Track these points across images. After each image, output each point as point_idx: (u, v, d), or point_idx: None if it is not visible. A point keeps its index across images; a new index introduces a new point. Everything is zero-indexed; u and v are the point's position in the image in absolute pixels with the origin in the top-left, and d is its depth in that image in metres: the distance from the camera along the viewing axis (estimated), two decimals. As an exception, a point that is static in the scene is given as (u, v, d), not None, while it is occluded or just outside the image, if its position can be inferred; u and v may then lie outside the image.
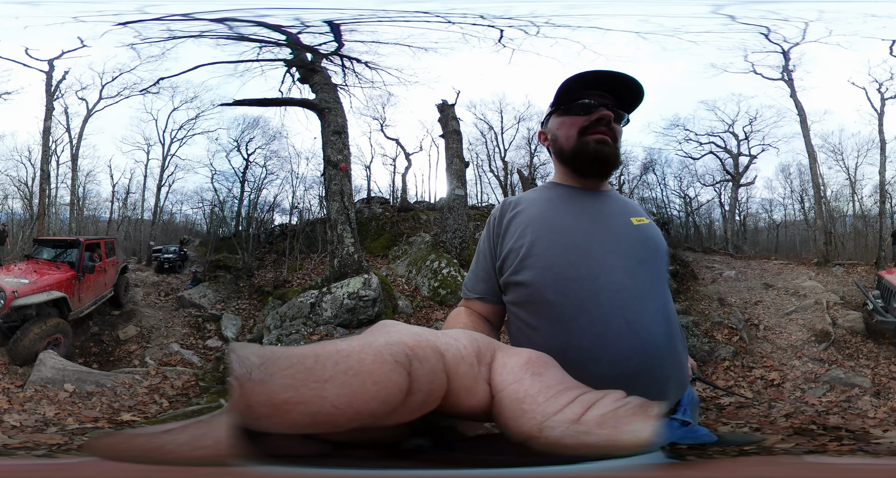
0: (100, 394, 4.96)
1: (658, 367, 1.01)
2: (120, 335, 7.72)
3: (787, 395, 4.59)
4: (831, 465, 0.39)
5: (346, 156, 8.73)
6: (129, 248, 15.72)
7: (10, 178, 15.08)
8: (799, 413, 3.98)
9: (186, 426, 0.25)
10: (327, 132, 8.72)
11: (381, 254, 11.14)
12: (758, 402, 4.34)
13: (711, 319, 6.91)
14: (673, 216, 18.50)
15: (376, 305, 7.05)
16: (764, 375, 5.13)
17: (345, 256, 8.00)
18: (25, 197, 15.11)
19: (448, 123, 11.10)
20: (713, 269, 11.71)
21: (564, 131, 1.19)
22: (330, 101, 9.00)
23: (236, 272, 11.12)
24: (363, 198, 16.25)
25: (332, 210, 8.38)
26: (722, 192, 17.85)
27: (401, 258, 10.29)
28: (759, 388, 4.82)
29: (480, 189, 20.52)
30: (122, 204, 17.30)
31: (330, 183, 8.48)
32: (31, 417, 4.21)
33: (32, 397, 4.62)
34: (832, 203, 14.96)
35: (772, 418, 3.87)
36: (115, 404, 4.80)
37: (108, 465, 0.26)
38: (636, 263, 1.08)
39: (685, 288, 9.55)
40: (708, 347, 5.83)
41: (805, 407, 4.21)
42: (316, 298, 7.07)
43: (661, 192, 18.99)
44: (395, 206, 14.96)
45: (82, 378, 5.20)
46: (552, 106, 1.23)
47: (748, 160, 16.93)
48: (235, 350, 0.24)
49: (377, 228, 12.51)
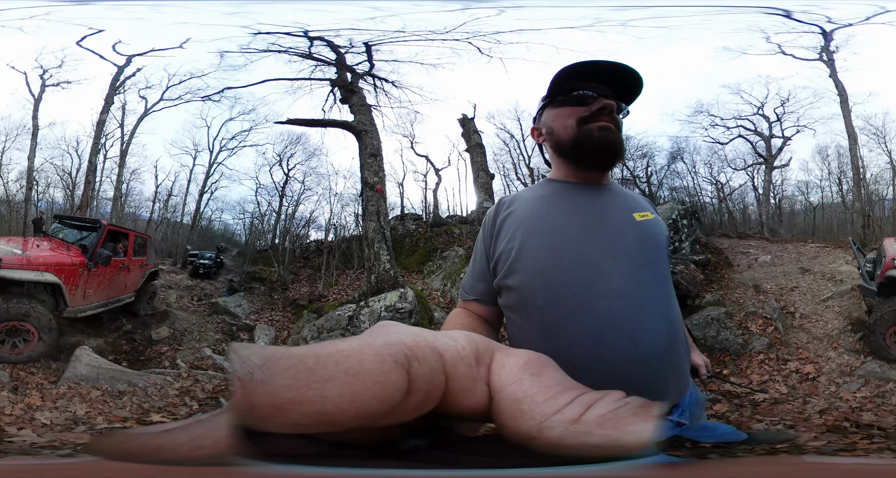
0: (131, 393, 4.80)
1: (656, 376, 0.95)
2: (152, 335, 7.31)
3: (822, 390, 4.41)
4: (831, 465, 0.38)
5: (382, 178, 8.95)
6: (166, 249, 15.25)
7: (55, 166, 14.30)
8: (833, 409, 3.83)
9: (187, 426, 0.25)
10: (364, 154, 8.96)
11: (417, 269, 11.14)
12: (793, 398, 4.21)
13: (746, 309, 6.61)
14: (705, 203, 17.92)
15: (412, 316, 7.15)
16: (799, 368, 4.93)
17: (381, 273, 8.20)
18: (68, 187, 14.38)
19: (470, 137, 11.15)
20: (748, 254, 11.23)
21: (561, 122, 1.09)
22: (366, 123, 9.23)
23: (271, 285, 10.98)
24: (397, 215, 16.26)
25: (368, 229, 8.60)
26: (755, 175, 17.14)
27: (435, 273, 10.34)
28: (793, 382, 4.64)
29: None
30: (164, 205, 16.71)
31: (367, 204, 8.71)
32: (61, 414, 4.10)
33: (65, 394, 4.50)
34: (871, 186, 14.12)
35: (806, 414, 3.75)
36: (146, 404, 4.65)
37: (108, 465, 0.26)
38: (637, 267, 1.00)
39: (718, 277, 9.21)
40: (742, 340, 5.61)
41: (839, 403, 4.05)
42: (353, 312, 7.21)
43: (691, 180, 18.41)
44: (427, 221, 14.82)
45: (116, 377, 5.03)
46: (544, 99, 1.14)
47: (782, 142, 16.10)
48: (237, 351, 0.24)
49: (411, 244, 12.49)
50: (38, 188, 13.92)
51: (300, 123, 10.07)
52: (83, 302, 6.27)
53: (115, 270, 6.99)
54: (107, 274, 6.80)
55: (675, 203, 10.75)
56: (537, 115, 1.19)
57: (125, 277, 7.42)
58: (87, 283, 6.29)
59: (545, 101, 1.14)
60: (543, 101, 1.15)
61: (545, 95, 1.14)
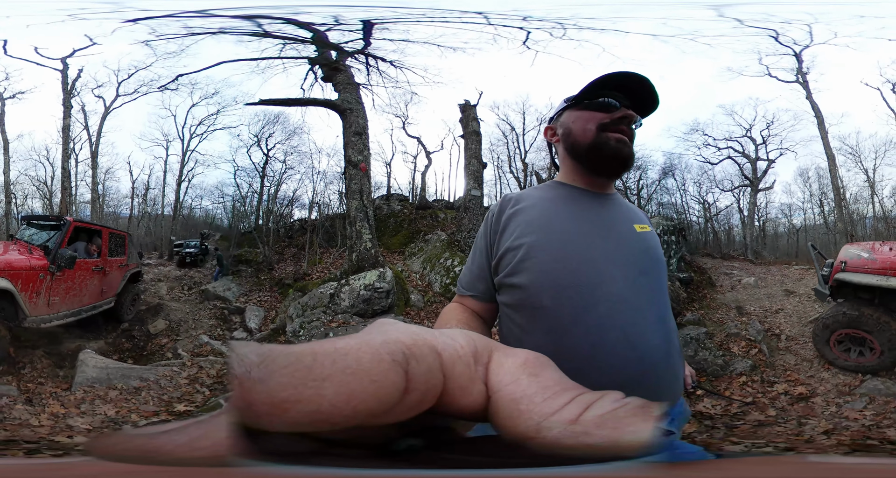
0: (146, 388, 4.78)
1: (654, 380, 0.95)
2: (150, 329, 7.32)
3: (820, 411, 4.09)
4: (831, 465, 0.37)
5: (367, 156, 8.66)
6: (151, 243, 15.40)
7: (30, 177, 14.69)
8: (842, 429, 3.53)
9: (185, 426, 0.24)
10: (348, 133, 8.64)
11: (399, 250, 11.04)
12: (783, 419, 3.91)
13: (727, 331, 6.37)
14: (692, 222, 18.00)
15: (389, 296, 7.14)
16: (788, 390, 4.61)
17: (362, 251, 8.09)
18: (45, 196, 14.79)
19: (469, 123, 10.84)
20: (732, 275, 11.18)
21: (581, 125, 1.10)
22: (352, 101, 8.88)
23: (257, 266, 11.02)
24: (383, 194, 16.05)
25: (351, 208, 8.41)
26: (741, 197, 17.28)
27: (416, 255, 10.18)
28: (783, 404, 4.32)
29: (499, 190, 20.26)
30: (142, 200, 17.06)
31: (350, 182, 8.48)
32: (94, 418, 3.98)
33: (84, 399, 4.39)
34: (852, 206, 14.34)
35: (807, 435, 3.44)
36: (164, 396, 4.64)
37: (107, 465, 0.25)
38: (637, 273, 1.01)
39: (701, 296, 9.05)
40: (722, 361, 5.33)
41: (847, 422, 3.74)
42: (335, 289, 7.19)
43: (680, 197, 18.52)
44: (413, 203, 14.69)
45: (126, 374, 4.97)
46: (568, 101, 1.15)
47: (766, 165, 16.35)
48: (235, 349, 0.23)
49: (395, 224, 12.39)
50: (17, 201, 14.25)
51: (275, 103, 9.63)
52: (48, 311, 5.38)
53: (86, 273, 6.05)
54: (76, 278, 5.83)
55: (661, 219, 10.64)
56: (556, 115, 1.19)
57: (101, 281, 6.45)
58: (51, 289, 5.38)
59: (568, 102, 1.14)
60: (566, 103, 1.15)
61: (569, 97, 1.15)
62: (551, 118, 1.21)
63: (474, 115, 11.00)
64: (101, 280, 6.48)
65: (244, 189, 15.37)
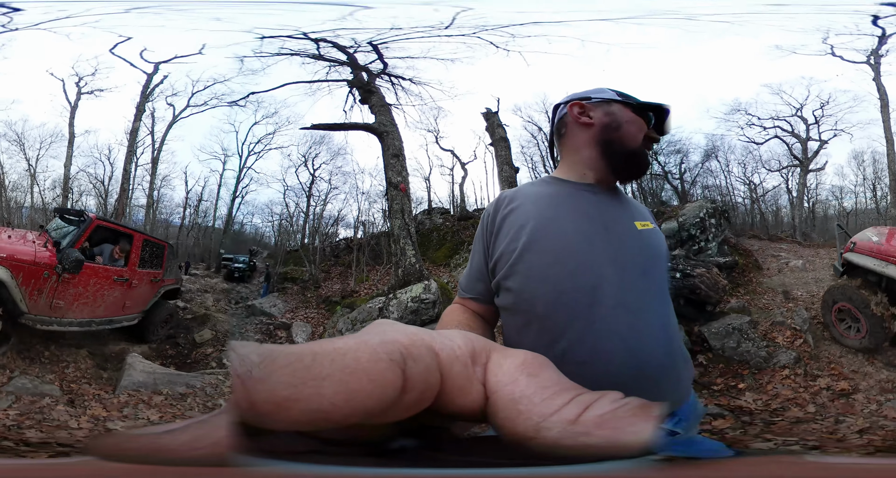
0: (192, 395, 4.77)
1: (652, 386, 0.91)
2: (196, 338, 7.26)
3: (860, 408, 4.00)
4: (831, 465, 0.37)
5: (405, 177, 9.08)
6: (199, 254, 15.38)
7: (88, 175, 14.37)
8: (878, 428, 3.46)
9: (187, 426, 0.25)
10: (387, 155, 9.09)
11: (444, 263, 11.25)
12: (821, 416, 3.87)
13: (773, 318, 6.18)
14: (737, 203, 17.38)
15: (436, 306, 7.43)
16: (831, 384, 4.53)
17: (407, 267, 8.48)
18: (101, 194, 14.39)
19: (494, 130, 11.02)
20: (779, 258, 10.78)
21: (634, 128, 1.05)
22: (387, 124, 9.32)
23: (303, 284, 11.13)
24: (424, 209, 16.20)
25: (394, 227, 8.84)
26: (789, 177, 16.52)
27: (462, 266, 10.33)
28: (823, 400, 4.25)
29: (537, 191, 20.12)
30: (195, 210, 16.84)
31: (392, 203, 8.92)
32: (136, 422, 3.97)
33: (128, 402, 4.36)
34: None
35: (839, 434, 3.40)
36: (209, 404, 4.65)
37: (108, 465, 0.26)
38: (638, 275, 0.97)
39: (746, 280, 8.85)
40: (765, 353, 5.20)
41: (884, 421, 3.65)
42: (383, 304, 7.52)
43: (724, 179, 17.88)
44: (454, 215, 14.87)
45: (172, 381, 4.96)
46: (622, 96, 1.09)
47: (818, 145, 15.47)
48: (235, 349, 0.24)
49: (438, 238, 12.58)
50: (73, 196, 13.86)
51: (323, 127, 10.20)
52: (50, 313, 4.82)
53: (105, 281, 5.31)
54: (91, 285, 5.14)
55: (704, 202, 10.41)
56: (598, 99, 1.09)
57: (124, 294, 5.67)
58: (56, 291, 4.78)
59: (624, 98, 1.09)
60: (621, 97, 1.09)
61: (620, 92, 1.10)
62: (590, 98, 1.10)
63: (498, 121, 11.13)
64: (124, 292, 5.68)
65: (292, 208, 15.67)
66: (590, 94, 1.11)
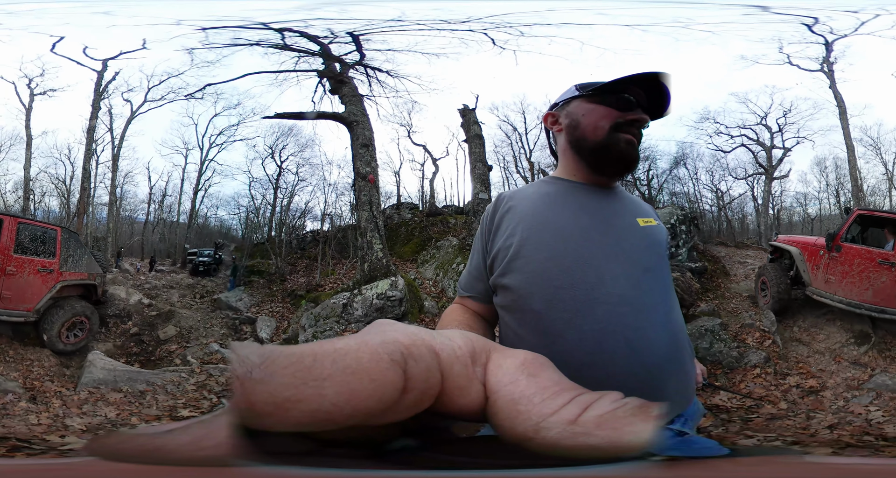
0: (152, 392, 4.76)
1: (659, 387, 0.87)
2: (160, 335, 7.21)
3: (828, 405, 4.10)
4: (831, 465, 0.37)
5: (374, 168, 8.81)
6: (164, 250, 15.35)
7: (49, 175, 14.49)
8: (846, 424, 3.52)
9: (188, 427, 0.24)
10: (356, 145, 8.81)
11: (411, 258, 11.05)
12: (793, 413, 3.89)
13: (742, 321, 6.35)
14: (705, 211, 17.75)
15: (402, 304, 7.18)
16: (800, 382, 4.60)
17: (374, 261, 8.20)
18: (63, 194, 14.61)
19: (470, 127, 10.92)
20: (746, 264, 11.02)
21: (593, 120, 1.01)
22: (358, 113, 9.05)
23: (269, 277, 11.07)
24: (393, 204, 16.06)
25: (361, 219, 8.55)
26: (755, 185, 16.99)
27: (429, 262, 10.23)
28: (794, 397, 4.31)
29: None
30: (159, 206, 16.99)
31: (359, 194, 8.63)
32: (93, 419, 3.96)
33: (88, 399, 4.38)
34: (868, 198, 14.00)
35: (812, 430, 3.43)
36: (169, 402, 4.63)
37: (109, 465, 0.25)
38: (641, 271, 0.93)
39: (715, 285, 9.00)
40: (737, 353, 5.30)
41: (851, 417, 3.73)
42: (348, 299, 7.25)
43: (692, 186, 18.27)
44: (423, 211, 14.67)
45: (133, 378, 4.96)
46: (581, 88, 1.05)
47: (782, 153, 16.00)
48: (236, 350, 0.23)
49: (406, 233, 12.41)
50: (35, 197, 14.03)
51: (288, 116, 9.87)
52: None
53: None
54: None
55: (674, 208, 10.50)
56: (562, 101, 1.08)
57: (2, 284, 5.06)
58: None
59: (581, 91, 1.04)
60: (578, 91, 1.05)
61: (582, 85, 1.05)
62: (555, 104, 1.10)
63: (474, 118, 11.05)
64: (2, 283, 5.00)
65: (258, 200, 15.50)
66: (558, 99, 1.11)
